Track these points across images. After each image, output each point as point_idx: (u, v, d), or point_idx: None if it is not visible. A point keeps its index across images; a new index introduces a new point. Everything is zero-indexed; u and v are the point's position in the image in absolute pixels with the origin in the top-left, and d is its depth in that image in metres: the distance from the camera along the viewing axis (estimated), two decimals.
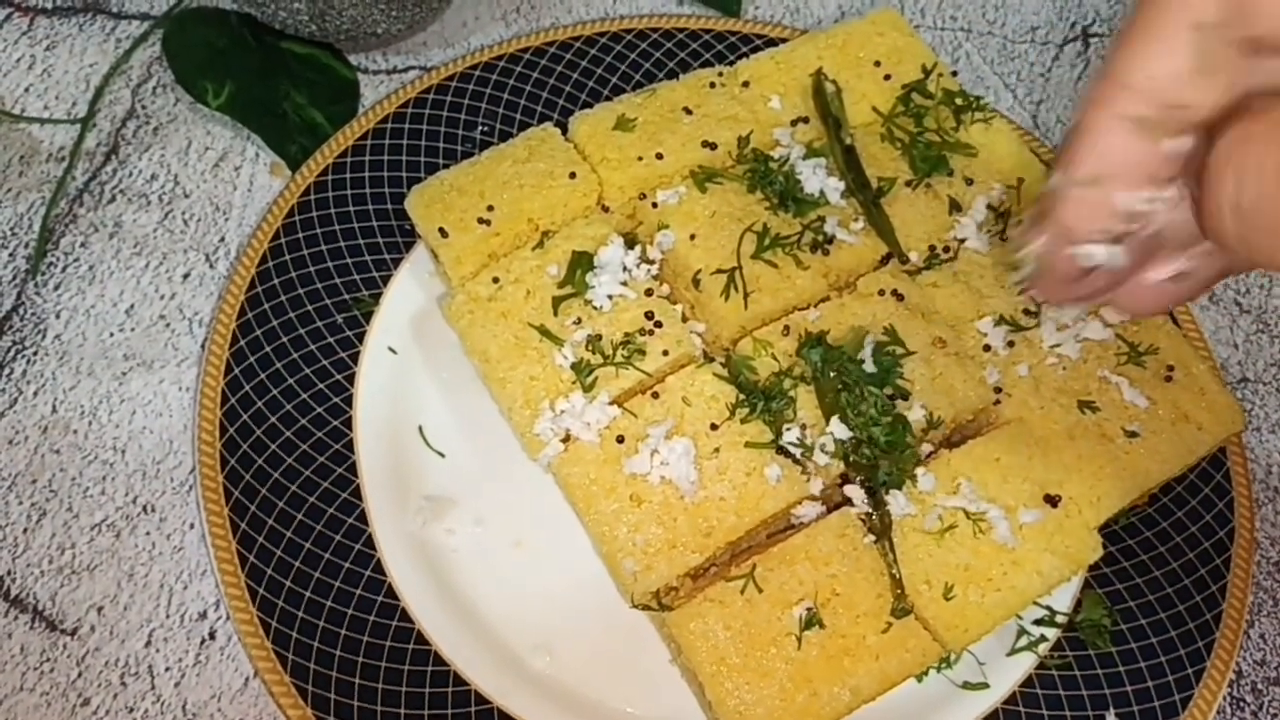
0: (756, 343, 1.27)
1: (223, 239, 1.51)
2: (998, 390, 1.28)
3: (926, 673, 1.23)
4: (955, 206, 1.40)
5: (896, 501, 1.20)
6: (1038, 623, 1.29)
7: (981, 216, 1.39)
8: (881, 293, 1.32)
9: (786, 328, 1.28)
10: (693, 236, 1.33)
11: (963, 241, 1.38)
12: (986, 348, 1.31)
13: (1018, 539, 1.19)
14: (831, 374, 1.23)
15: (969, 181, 1.42)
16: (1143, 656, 1.28)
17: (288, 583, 1.23)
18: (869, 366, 1.24)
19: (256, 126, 1.57)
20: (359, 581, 1.25)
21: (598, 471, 1.21)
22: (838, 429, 1.21)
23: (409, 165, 1.51)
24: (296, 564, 1.24)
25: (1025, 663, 1.27)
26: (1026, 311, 1.33)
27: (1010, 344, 1.31)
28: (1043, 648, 1.28)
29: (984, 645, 1.23)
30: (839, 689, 1.13)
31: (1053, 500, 1.22)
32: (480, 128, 1.55)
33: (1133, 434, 1.26)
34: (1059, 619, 1.29)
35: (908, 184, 1.41)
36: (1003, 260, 1.34)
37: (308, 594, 1.23)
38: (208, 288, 1.47)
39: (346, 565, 1.25)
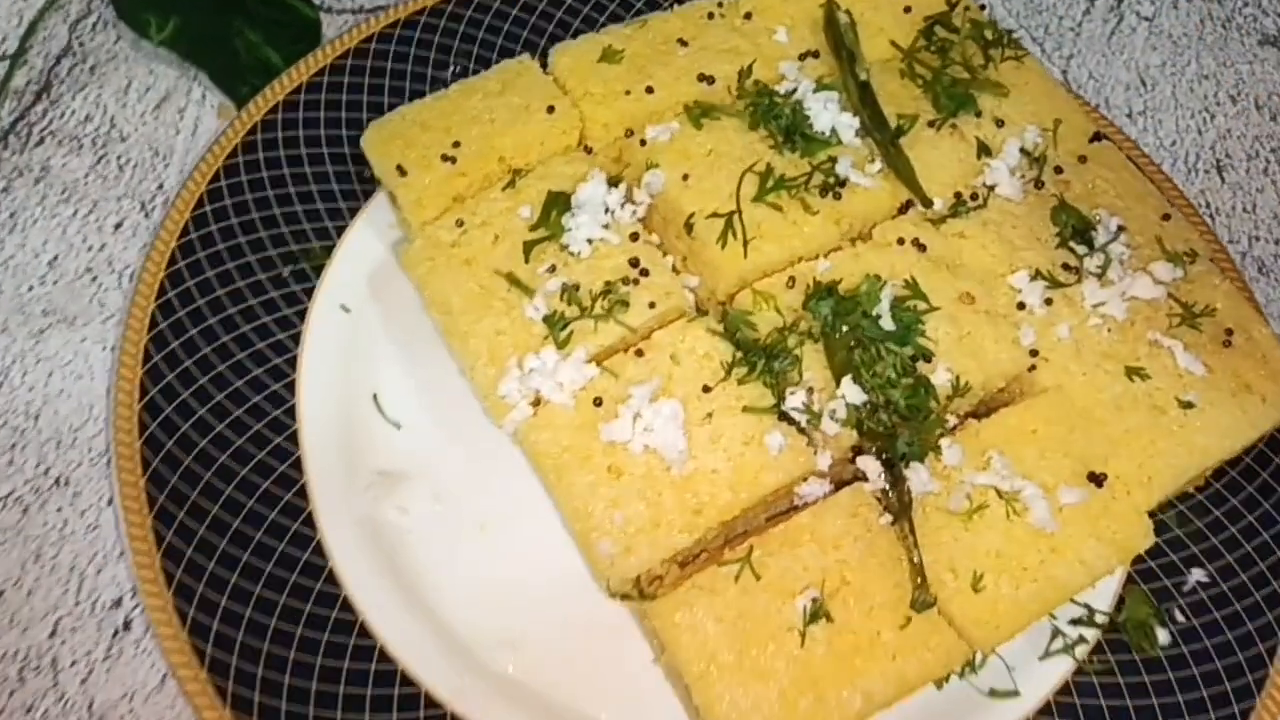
0: (757, 295, 1.11)
1: (160, 186, 1.36)
2: (1034, 354, 1.12)
3: (948, 677, 1.06)
4: (984, 150, 1.24)
5: (918, 477, 1.03)
6: (1074, 622, 1.12)
7: (1015, 161, 1.24)
8: (900, 242, 1.15)
9: (792, 279, 1.12)
10: (685, 177, 1.17)
11: (993, 188, 1.22)
12: (1021, 305, 1.15)
13: (1057, 522, 1.03)
14: (844, 329, 1.07)
15: (999, 123, 1.27)
16: (1195, 661, 1.12)
17: (211, 565, 1.07)
18: (886, 323, 1.08)
19: (204, 65, 1.42)
20: (294, 565, 1.09)
21: (571, 438, 1.04)
22: (850, 391, 1.04)
23: (370, 106, 1.35)
24: (221, 545, 1.08)
25: (1061, 668, 1.11)
26: (1065, 266, 1.17)
27: (1048, 302, 1.15)
28: (1081, 650, 1.11)
29: (1013, 647, 1.07)
30: (849, 693, 0.96)
31: (1098, 479, 1.06)
32: (453, 68, 1.39)
33: (1188, 404, 1.10)
34: (1099, 618, 1.13)
35: (930, 124, 1.25)
36: None
37: (233, 579, 1.07)
38: (141, 239, 1.32)
39: (281, 547, 1.09)
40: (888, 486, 1.04)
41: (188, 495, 1.10)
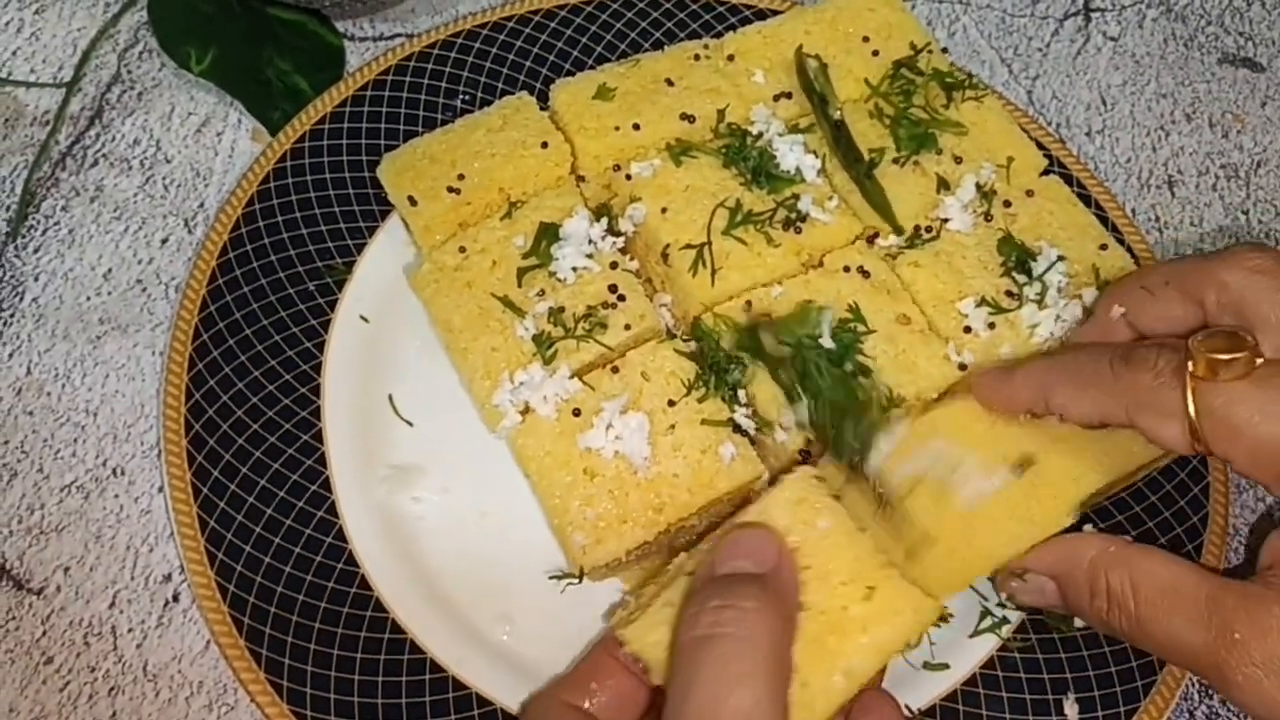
0: (717, 319, 1.26)
1: (202, 204, 1.52)
2: (963, 368, 1.26)
3: None
4: (943, 185, 1.37)
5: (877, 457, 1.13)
6: (1002, 605, 1.25)
7: (969, 195, 1.36)
8: (847, 269, 1.29)
9: (749, 304, 1.27)
10: (664, 210, 1.31)
11: (945, 221, 1.35)
12: (967, 329, 1.28)
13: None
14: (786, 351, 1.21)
15: (958, 160, 1.39)
16: (1108, 641, 1.26)
17: (247, 548, 1.23)
18: (827, 342, 1.22)
19: (239, 93, 1.56)
20: (319, 548, 1.25)
21: (553, 444, 1.20)
22: (792, 409, 1.19)
23: (388, 133, 1.49)
24: (257, 530, 1.25)
25: (988, 645, 1.26)
26: (1008, 293, 1.31)
27: (991, 326, 1.28)
28: (1005, 630, 1.25)
29: (946, 629, 1.18)
30: (832, 676, 1.00)
31: (1021, 467, 1.13)
32: (461, 96, 1.54)
33: None
34: None
35: (895, 161, 1.38)
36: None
37: (267, 559, 1.23)
38: (185, 253, 1.47)
39: (308, 532, 1.26)
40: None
41: (227, 486, 1.26)
